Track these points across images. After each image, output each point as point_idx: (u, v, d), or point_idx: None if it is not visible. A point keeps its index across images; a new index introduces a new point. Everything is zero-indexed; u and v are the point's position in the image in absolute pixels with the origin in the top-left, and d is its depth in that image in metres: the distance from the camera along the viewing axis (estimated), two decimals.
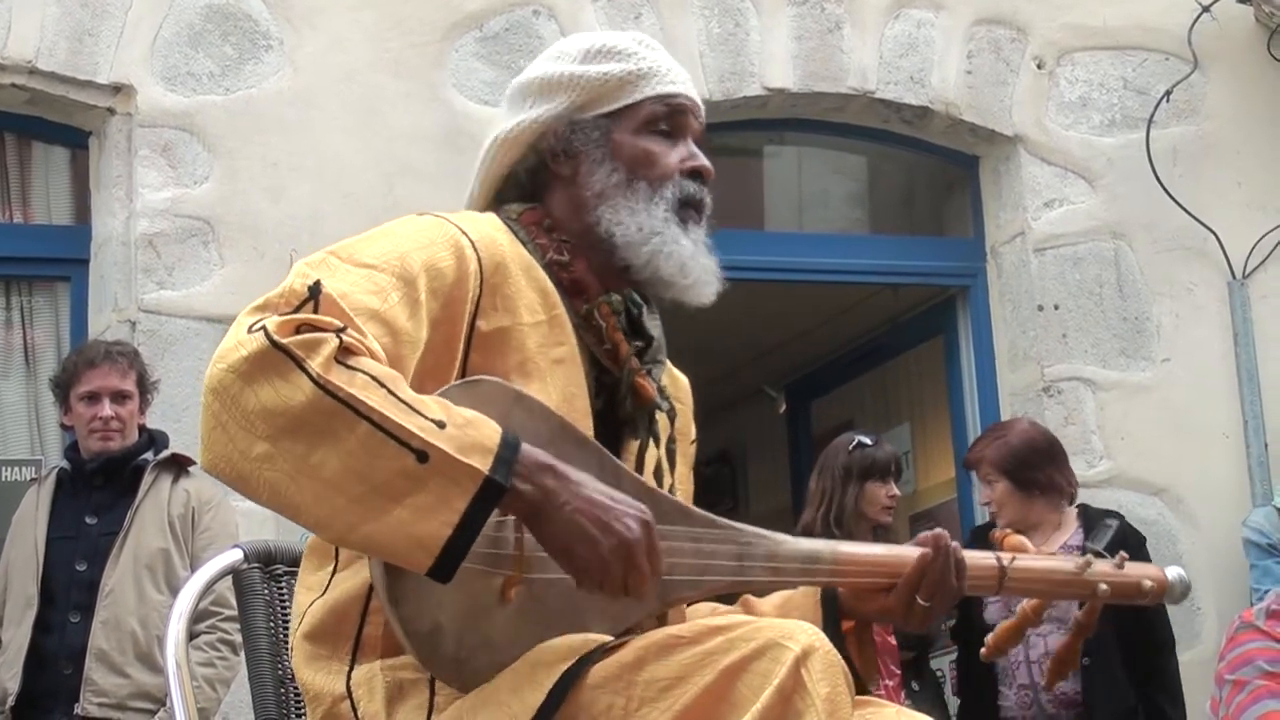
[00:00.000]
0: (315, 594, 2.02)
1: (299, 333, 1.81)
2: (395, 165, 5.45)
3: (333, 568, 2.02)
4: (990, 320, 6.20)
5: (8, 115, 5.44)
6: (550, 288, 2.09)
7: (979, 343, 6.23)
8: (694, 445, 2.29)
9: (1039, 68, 6.18)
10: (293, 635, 2.05)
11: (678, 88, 2.20)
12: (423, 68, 5.58)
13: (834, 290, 6.86)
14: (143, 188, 5.25)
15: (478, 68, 5.58)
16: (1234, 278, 6.11)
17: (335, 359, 1.80)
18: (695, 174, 2.19)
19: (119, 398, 4.61)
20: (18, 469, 5.29)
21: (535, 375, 2.02)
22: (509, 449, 1.82)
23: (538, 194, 2.17)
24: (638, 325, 2.16)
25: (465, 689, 1.89)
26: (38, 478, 4.84)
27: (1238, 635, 3.47)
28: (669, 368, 2.24)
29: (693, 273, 2.13)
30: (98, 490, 4.62)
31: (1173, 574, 2.33)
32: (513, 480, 1.81)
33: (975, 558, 2.20)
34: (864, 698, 1.98)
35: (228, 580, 2.30)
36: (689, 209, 2.16)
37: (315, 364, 1.79)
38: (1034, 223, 6.06)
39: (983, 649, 2.44)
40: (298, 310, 1.86)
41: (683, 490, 2.20)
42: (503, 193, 2.19)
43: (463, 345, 1.99)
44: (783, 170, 6.65)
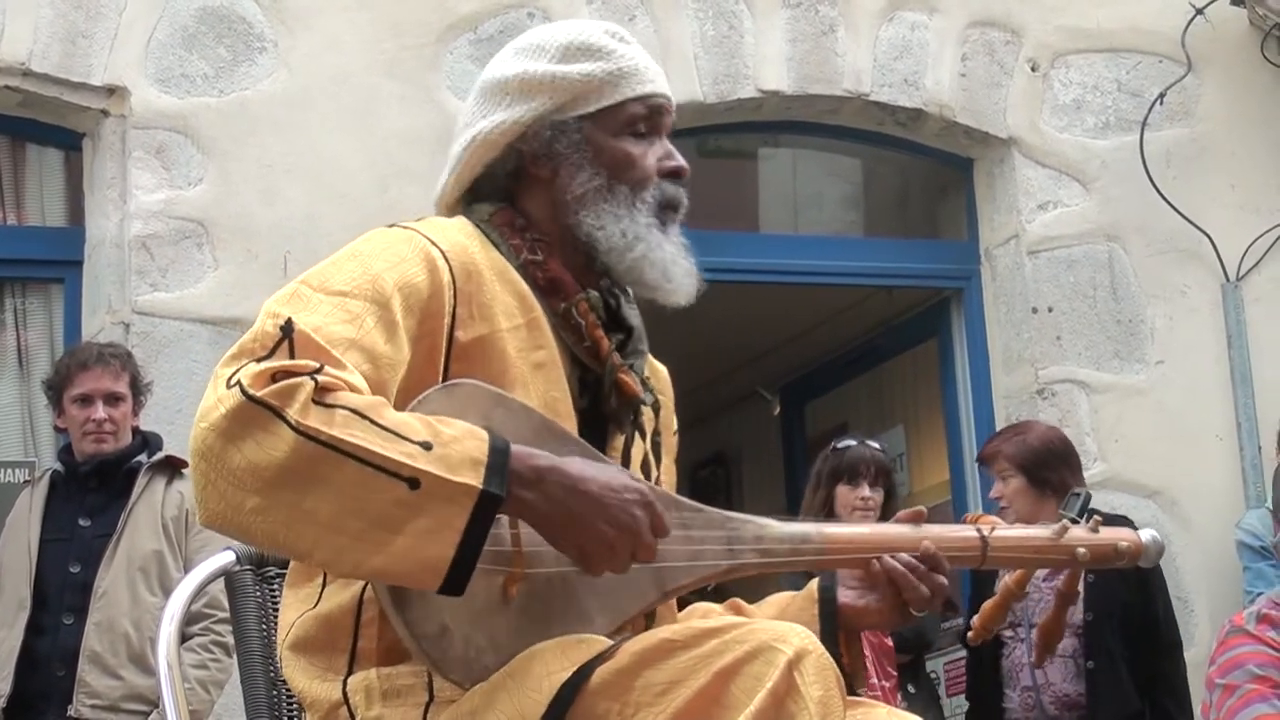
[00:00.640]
0: (306, 606, 2.02)
1: (275, 380, 1.80)
2: (390, 167, 5.45)
3: (322, 580, 2.02)
4: (985, 323, 6.21)
5: (1, 117, 5.43)
6: (526, 290, 2.08)
7: (973, 345, 6.24)
8: (676, 436, 2.30)
9: (1033, 70, 6.19)
10: (279, 646, 2.05)
11: (656, 86, 2.18)
12: (417, 70, 5.58)
13: (828, 292, 6.87)
14: (136, 189, 5.24)
15: (472, 70, 5.58)
16: (1228, 280, 6.11)
17: (313, 401, 1.79)
18: (673, 174, 2.18)
19: (112, 400, 4.61)
20: (11, 471, 5.28)
21: (517, 381, 2.02)
22: (499, 455, 1.83)
23: (511, 193, 2.16)
24: (616, 316, 2.16)
25: (474, 686, 1.90)
26: (31, 480, 4.84)
27: (1228, 639, 3.47)
28: (649, 359, 2.23)
29: (675, 277, 2.13)
30: (91, 492, 4.61)
31: (1146, 535, 2.36)
32: (508, 486, 1.82)
33: (956, 531, 2.22)
34: (855, 699, 1.99)
35: (221, 582, 2.30)
36: (668, 210, 2.16)
37: (293, 412, 1.78)
38: (1028, 225, 6.06)
39: (969, 632, 2.47)
40: (272, 353, 1.84)
41: (667, 481, 2.21)
42: (474, 191, 2.17)
43: (443, 358, 1.98)
44: (777, 172, 6.65)
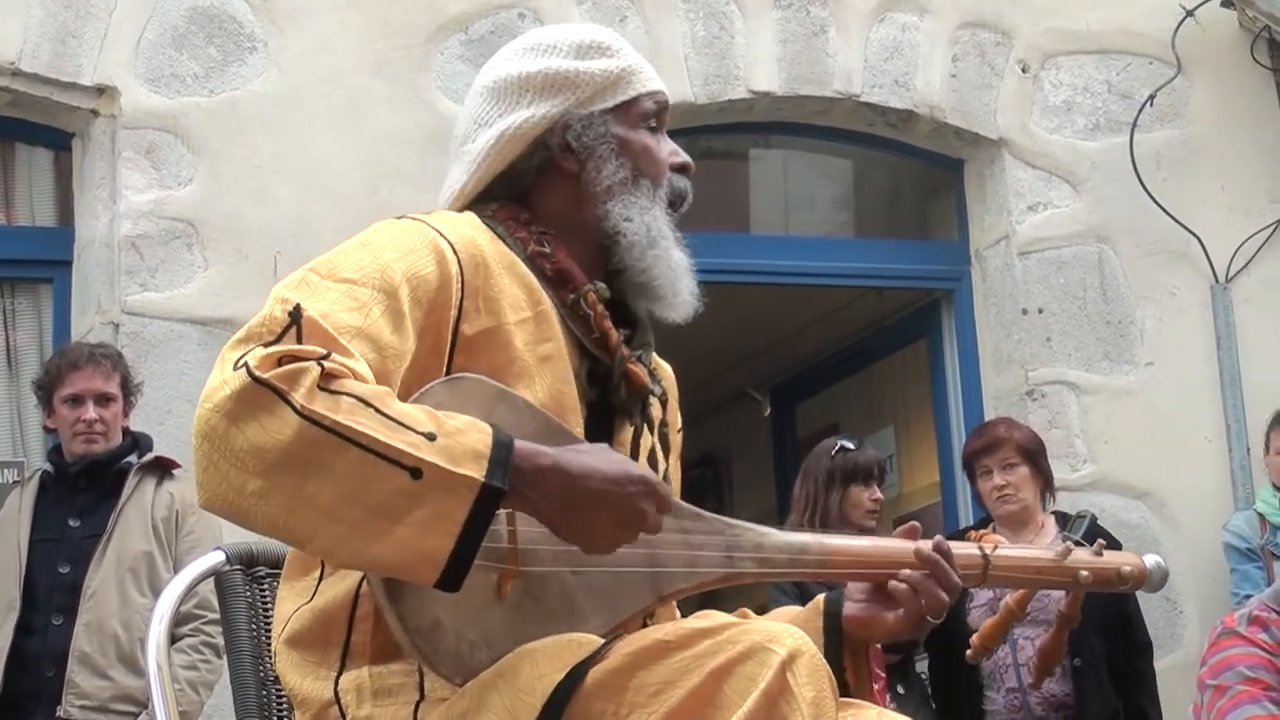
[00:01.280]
0: (302, 600, 2.02)
1: (281, 364, 1.81)
2: (380, 168, 5.45)
3: (319, 574, 2.02)
4: (974, 324, 6.21)
5: None
6: (534, 282, 2.08)
7: (963, 346, 6.25)
8: (680, 434, 2.30)
9: (1023, 71, 6.19)
10: (275, 640, 2.05)
11: (660, 84, 2.24)
12: (408, 70, 5.58)
13: (819, 293, 6.87)
14: (126, 189, 5.24)
15: (463, 70, 5.57)
16: (1217, 282, 6.13)
17: (318, 387, 1.79)
18: (682, 169, 2.23)
19: (103, 400, 4.60)
20: (0, 471, 5.27)
21: (524, 374, 2.02)
22: (502, 449, 1.82)
23: (526, 189, 2.17)
24: (622, 310, 2.17)
25: (465, 683, 1.90)
26: (20, 480, 4.83)
27: (1220, 641, 3.48)
28: (654, 356, 2.25)
29: (681, 291, 2.17)
30: (81, 493, 4.61)
31: (1150, 561, 2.36)
32: (511, 480, 1.82)
33: (958, 549, 2.22)
34: (847, 700, 1.99)
35: (211, 583, 2.29)
36: (676, 205, 2.20)
37: (298, 395, 1.78)
38: (1018, 226, 6.07)
39: (968, 650, 2.46)
40: (280, 338, 1.84)
41: (673, 479, 2.22)
42: (494, 188, 2.18)
43: (448, 350, 1.99)
44: (768, 173, 6.65)
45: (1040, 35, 6.22)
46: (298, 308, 1.87)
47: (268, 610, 2.24)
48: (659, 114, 2.21)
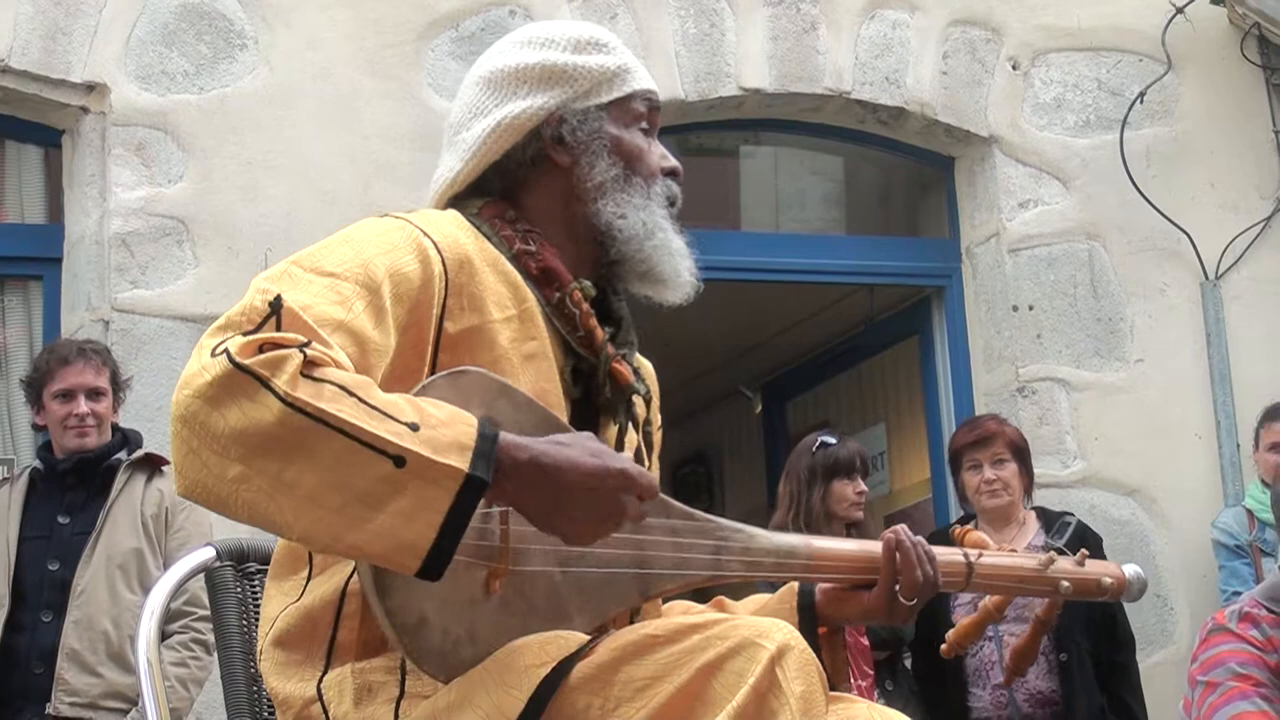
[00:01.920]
0: (289, 599, 2.01)
1: (262, 351, 1.79)
2: (371, 165, 5.44)
3: (307, 573, 2.01)
4: (965, 320, 6.22)
5: None
6: (519, 280, 2.08)
7: (954, 343, 6.25)
8: (660, 432, 2.30)
9: (1014, 69, 6.20)
10: (261, 640, 2.04)
11: (653, 85, 2.25)
12: (398, 67, 5.57)
13: (810, 290, 6.88)
14: (116, 187, 5.23)
15: (453, 67, 5.57)
16: (1207, 279, 6.13)
17: (301, 374, 1.78)
18: (671, 173, 2.23)
19: (94, 395, 4.60)
20: None
21: (508, 372, 2.01)
22: (487, 441, 1.81)
23: (515, 184, 2.17)
24: (606, 309, 2.18)
25: (449, 681, 1.89)
26: (9, 477, 4.82)
27: (1210, 637, 3.49)
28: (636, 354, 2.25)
29: (681, 273, 2.17)
30: (70, 490, 4.60)
31: (1130, 571, 2.39)
32: (494, 472, 1.81)
33: (943, 554, 2.24)
34: (837, 694, 1.99)
35: (201, 580, 2.29)
36: (669, 207, 2.21)
37: (281, 381, 1.77)
38: (1009, 223, 6.07)
39: (943, 645, 2.48)
40: (260, 328, 1.83)
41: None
42: (486, 178, 2.18)
43: (430, 349, 1.98)
44: (759, 170, 6.66)
45: (1030, 32, 6.23)
46: (278, 298, 1.86)
47: (258, 606, 2.23)
48: (651, 115, 2.22)
